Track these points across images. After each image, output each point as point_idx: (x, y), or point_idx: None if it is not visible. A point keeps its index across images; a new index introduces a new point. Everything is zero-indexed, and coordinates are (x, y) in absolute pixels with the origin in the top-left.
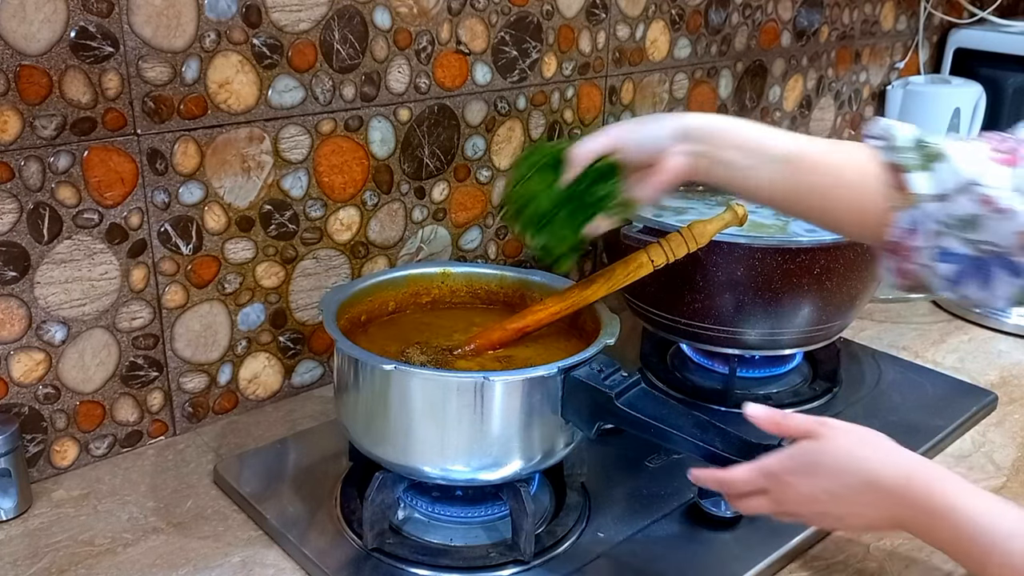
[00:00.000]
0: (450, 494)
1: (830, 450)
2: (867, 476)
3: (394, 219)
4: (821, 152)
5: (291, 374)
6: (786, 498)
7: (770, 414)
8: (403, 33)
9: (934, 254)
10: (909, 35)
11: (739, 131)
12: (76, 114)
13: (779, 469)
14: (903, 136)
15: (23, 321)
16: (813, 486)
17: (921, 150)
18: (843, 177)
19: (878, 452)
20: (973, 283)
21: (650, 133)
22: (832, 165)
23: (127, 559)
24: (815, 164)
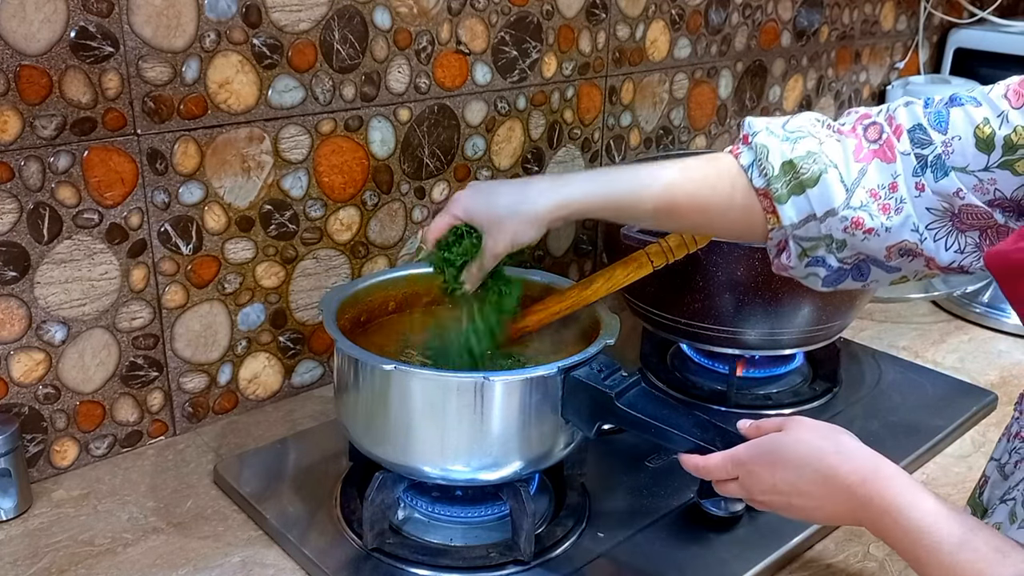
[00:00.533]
0: (450, 494)
1: (792, 442)
2: (824, 470)
3: (394, 219)
4: (691, 195)
5: (291, 374)
6: (753, 486)
7: (752, 424)
8: (403, 33)
9: (809, 262)
10: (909, 35)
11: (600, 204)
12: (76, 114)
13: (746, 458)
14: (774, 160)
15: (23, 321)
16: (775, 476)
17: (790, 175)
18: (717, 211)
19: (839, 447)
20: (849, 279)
21: (524, 239)
22: (705, 205)
23: (127, 559)
24: (687, 209)
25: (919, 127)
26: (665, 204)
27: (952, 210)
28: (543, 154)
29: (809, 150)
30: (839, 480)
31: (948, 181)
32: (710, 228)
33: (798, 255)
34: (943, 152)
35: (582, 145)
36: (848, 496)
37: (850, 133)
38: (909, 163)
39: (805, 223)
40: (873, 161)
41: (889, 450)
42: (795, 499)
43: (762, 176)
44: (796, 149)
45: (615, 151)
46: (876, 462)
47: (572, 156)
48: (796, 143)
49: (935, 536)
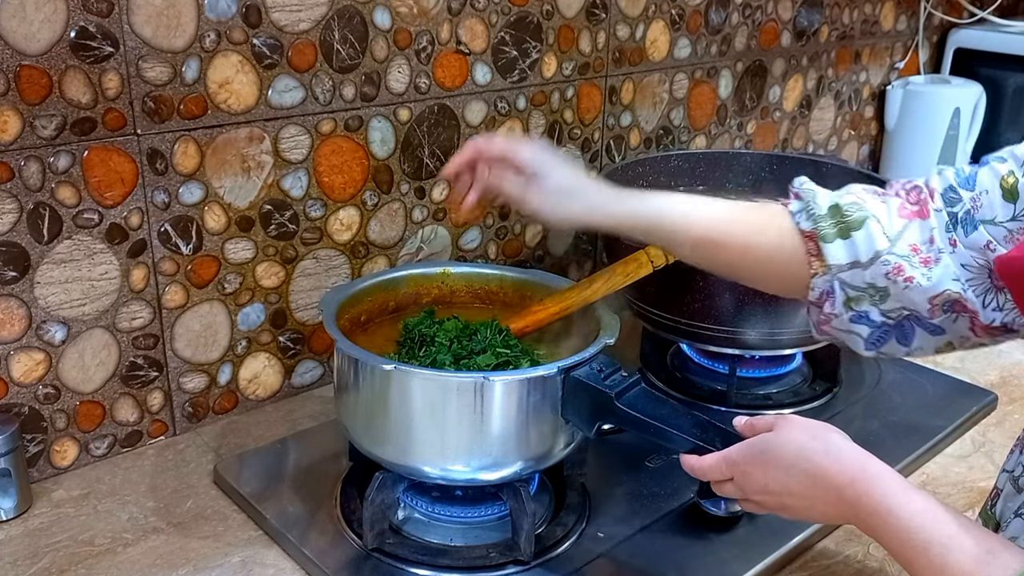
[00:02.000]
0: (450, 494)
1: (782, 442)
2: (813, 470)
3: (394, 219)
4: (734, 234)
5: (291, 374)
6: (746, 486)
7: (747, 420)
8: (403, 33)
9: (853, 316)
10: (909, 35)
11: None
12: (76, 114)
13: (739, 458)
14: (821, 203)
15: (23, 321)
16: (766, 476)
17: (837, 217)
18: (760, 252)
19: (828, 447)
20: (893, 342)
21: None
22: (747, 244)
23: (127, 559)
24: (728, 246)
25: (950, 188)
26: (707, 239)
27: (988, 265)
28: None
29: (855, 201)
30: (828, 480)
31: (978, 235)
32: (751, 271)
33: (843, 302)
34: (971, 207)
35: (582, 145)
36: (837, 496)
37: (892, 195)
38: (941, 219)
39: (851, 268)
40: (915, 220)
41: (889, 450)
42: (786, 499)
43: (810, 219)
44: (844, 198)
45: (615, 151)
46: (864, 461)
47: (572, 156)
48: (843, 195)
49: (924, 536)
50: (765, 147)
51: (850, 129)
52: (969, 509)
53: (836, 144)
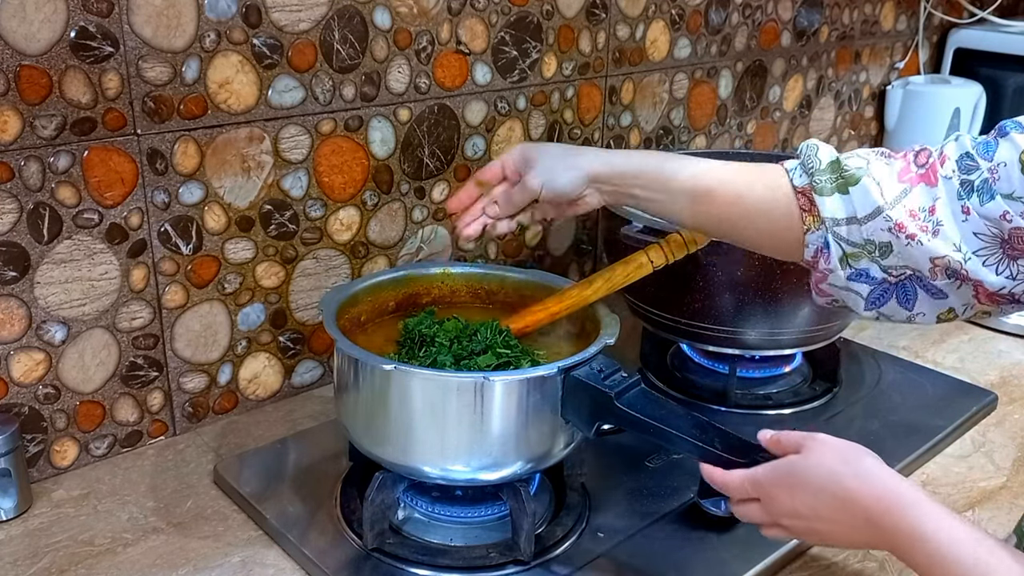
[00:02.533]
0: (450, 494)
1: (812, 465)
2: (844, 495)
3: (394, 219)
4: (726, 183)
5: (291, 374)
6: (773, 510)
7: (773, 435)
8: (403, 33)
9: (851, 274)
10: (909, 35)
11: (641, 170)
12: (76, 114)
13: (764, 480)
14: (822, 156)
15: (23, 321)
16: (795, 500)
17: (836, 173)
18: (751, 205)
19: (859, 471)
20: (894, 302)
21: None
22: (739, 195)
23: (127, 559)
24: (721, 195)
25: (967, 155)
26: (701, 188)
27: (1002, 235)
28: None
29: (857, 159)
30: (859, 506)
31: (995, 205)
32: (744, 228)
33: (839, 258)
34: (989, 177)
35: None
36: (869, 523)
37: (899, 157)
38: (951, 187)
39: (847, 223)
40: (919, 185)
41: (889, 450)
42: (816, 524)
43: (806, 174)
44: (847, 157)
45: None
46: (898, 487)
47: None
48: (848, 155)
49: (968, 565)
50: (765, 147)
51: (850, 129)
52: (969, 509)
53: (836, 144)
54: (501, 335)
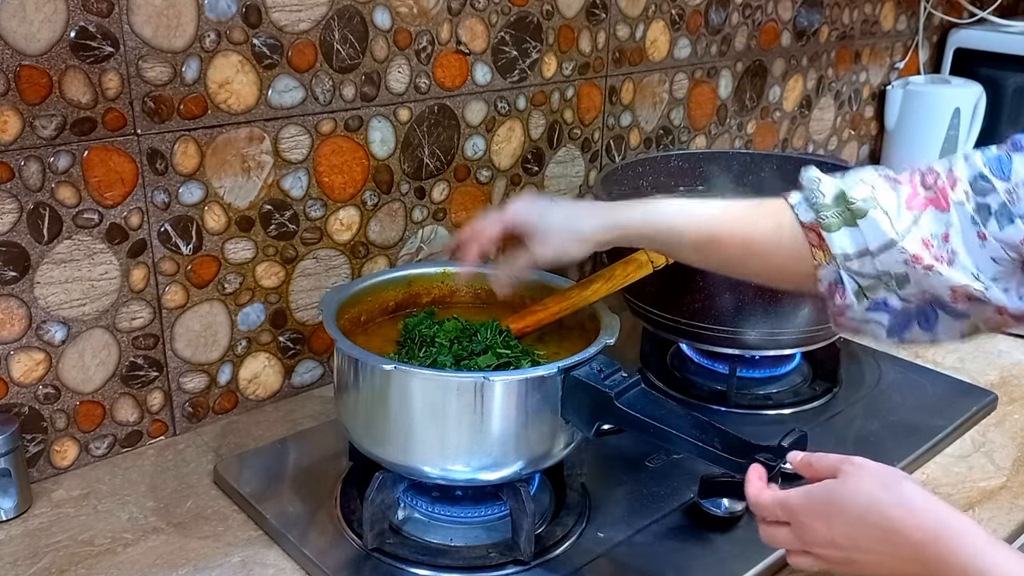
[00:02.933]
0: (450, 494)
1: (850, 493)
2: (888, 524)
3: (394, 219)
4: (732, 228)
5: (291, 374)
6: (807, 539)
7: (804, 457)
8: (403, 33)
9: (870, 305)
10: (909, 35)
11: (643, 232)
12: (76, 114)
13: (798, 507)
14: (826, 191)
15: (23, 321)
16: (832, 530)
17: (842, 206)
18: (759, 246)
19: (902, 499)
20: (916, 328)
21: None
22: (745, 238)
23: (127, 559)
24: (727, 241)
25: (980, 176)
26: (705, 237)
27: (1021, 258)
28: (543, 154)
29: (863, 188)
30: (904, 537)
31: (1014, 229)
32: (754, 267)
33: (855, 292)
34: (1007, 200)
35: (582, 145)
36: (915, 554)
37: (905, 181)
38: (965, 213)
39: (860, 257)
40: (928, 209)
41: (889, 450)
42: (855, 554)
43: (811, 209)
44: (852, 187)
45: (615, 151)
46: (944, 517)
47: (572, 156)
48: (852, 183)
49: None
50: (765, 147)
51: (850, 129)
52: (969, 509)
53: (836, 144)
54: (501, 335)
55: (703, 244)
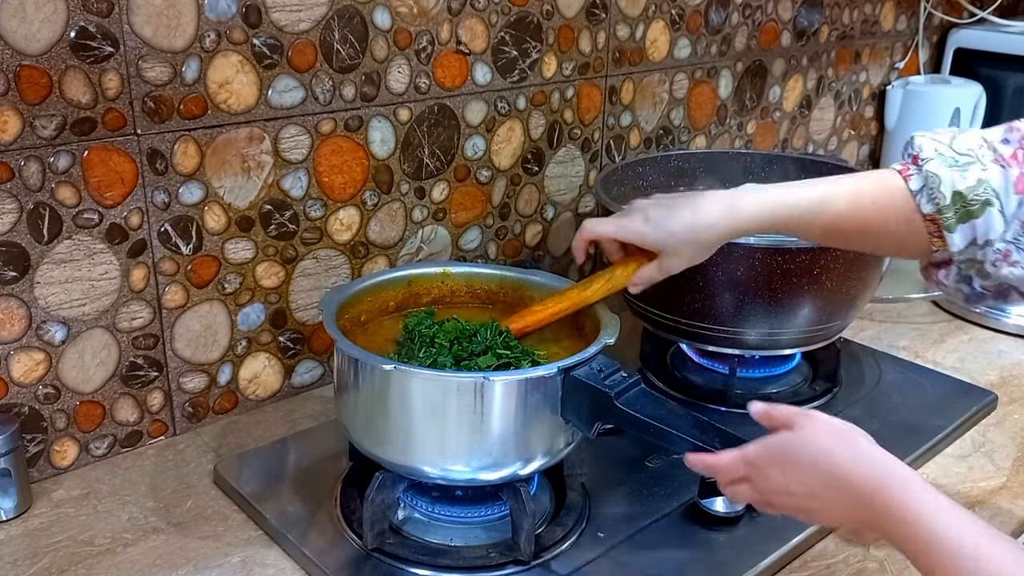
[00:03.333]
0: (450, 494)
1: (805, 442)
2: (837, 473)
3: (394, 219)
4: (861, 219)
5: (291, 374)
6: (765, 487)
7: (763, 407)
8: (403, 33)
9: (960, 280)
10: (909, 35)
11: (776, 224)
12: (76, 114)
13: (756, 458)
14: (944, 190)
15: (23, 321)
16: (787, 477)
17: (960, 204)
18: (883, 232)
19: (853, 450)
20: (991, 302)
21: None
22: (871, 227)
23: (127, 559)
24: (856, 232)
25: None
26: (834, 231)
27: None
28: (543, 154)
29: (979, 179)
30: (852, 485)
31: None
32: (871, 248)
33: (955, 275)
34: None
35: (582, 145)
36: (860, 502)
37: (1012, 161)
38: None
39: (968, 247)
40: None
41: (889, 450)
42: (808, 502)
43: (932, 203)
44: (966, 179)
45: (615, 151)
46: (890, 467)
47: (572, 156)
48: (965, 171)
49: (954, 544)
50: (765, 147)
51: (850, 129)
52: (969, 509)
53: (836, 144)
54: (501, 336)
55: (828, 235)
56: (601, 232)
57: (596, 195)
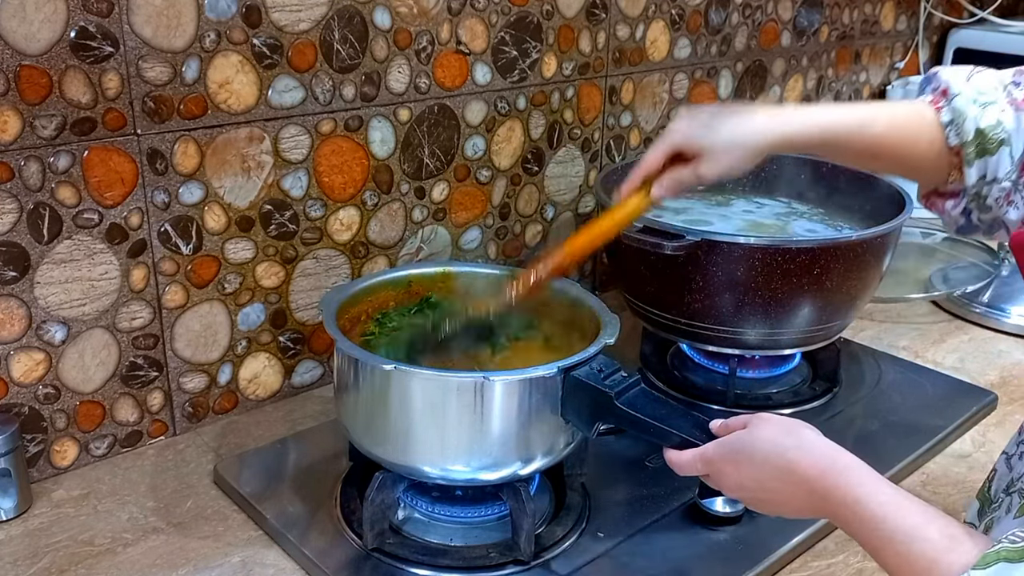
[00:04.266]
0: (450, 494)
1: (755, 439)
2: (784, 466)
3: (394, 219)
4: (896, 143)
5: (291, 374)
6: (722, 484)
7: (721, 422)
8: (403, 33)
9: (961, 212)
10: (909, 35)
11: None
12: (76, 114)
13: (713, 457)
14: (968, 127)
15: (23, 321)
16: (740, 473)
17: (979, 140)
18: (913, 156)
19: (801, 442)
20: (979, 233)
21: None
22: (904, 151)
23: (127, 559)
24: (889, 155)
25: None
26: (872, 150)
27: None
28: (543, 154)
29: (997, 119)
30: (799, 474)
31: None
32: (894, 171)
33: (961, 207)
34: None
35: (582, 145)
36: (808, 489)
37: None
38: None
39: (979, 181)
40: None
41: (889, 450)
42: (762, 494)
43: (958, 136)
44: (986, 117)
45: (615, 151)
46: (834, 455)
47: (572, 156)
48: (985, 109)
49: (890, 525)
50: None
51: None
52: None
53: None
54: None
55: (865, 155)
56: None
57: (596, 195)
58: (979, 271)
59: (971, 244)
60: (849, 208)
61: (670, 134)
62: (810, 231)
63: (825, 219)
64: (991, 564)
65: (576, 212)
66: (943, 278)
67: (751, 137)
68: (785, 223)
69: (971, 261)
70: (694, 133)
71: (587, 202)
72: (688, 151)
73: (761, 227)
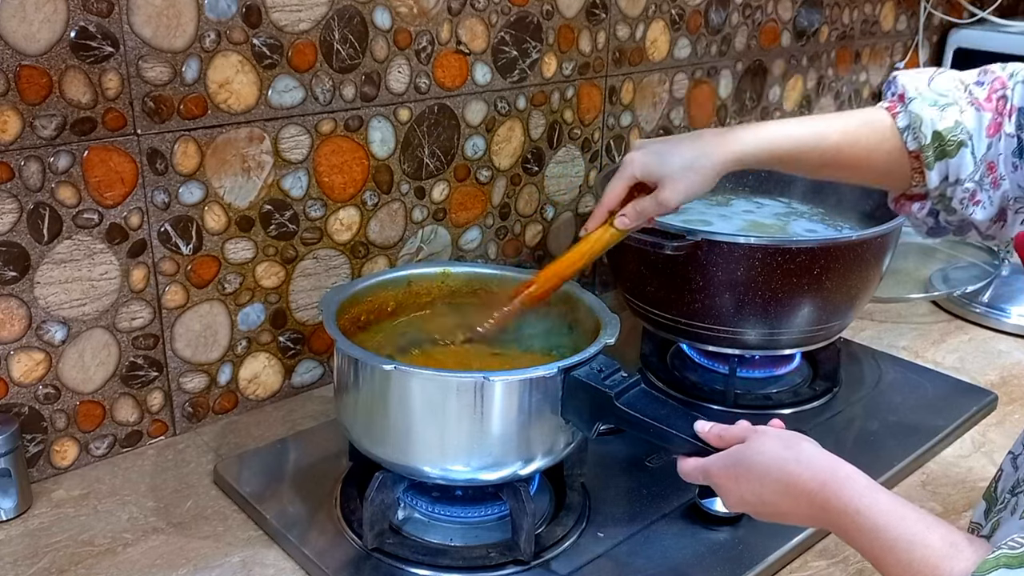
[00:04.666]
0: (450, 494)
1: (754, 453)
2: (785, 479)
3: (394, 219)
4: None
5: (291, 374)
6: (723, 497)
7: (716, 430)
8: (403, 33)
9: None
10: (909, 35)
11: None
12: (76, 114)
13: (713, 470)
14: (925, 130)
15: (23, 321)
16: (740, 488)
17: (938, 143)
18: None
19: (800, 455)
20: (949, 234)
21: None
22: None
23: (127, 559)
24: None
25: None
26: (829, 162)
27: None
28: (543, 154)
29: (956, 120)
30: (800, 487)
31: None
32: (858, 180)
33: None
34: None
35: (582, 145)
36: (809, 501)
37: (986, 104)
38: (1009, 145)
39: (942, 183)
40: (996, 135)
41: (889, 450)
42: (762, 508)
43: (916, 140)
44: (944, 119)
45: (615, 151)
46: (834, 466)
47: (572, 156)
48: (944, 111)
49: (891, 534)
50: None
51: None
52: (969, 509)
53: None
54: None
55: (820, 168)
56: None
57: (596, 195)
58: (979, 271)
59: (971, 244)
60: (849, 208)
61: (627, 166)
62: (810, 231)
63: (825, 219)
64: (991, 570)
65: (576, 212)
66: (943, 278)
67: (703, 161)
68: (785, 223)
69: (971, 261)
70: (649, 162)
71: (587, 202)
72: (647, 181)
73: (761, 227)
